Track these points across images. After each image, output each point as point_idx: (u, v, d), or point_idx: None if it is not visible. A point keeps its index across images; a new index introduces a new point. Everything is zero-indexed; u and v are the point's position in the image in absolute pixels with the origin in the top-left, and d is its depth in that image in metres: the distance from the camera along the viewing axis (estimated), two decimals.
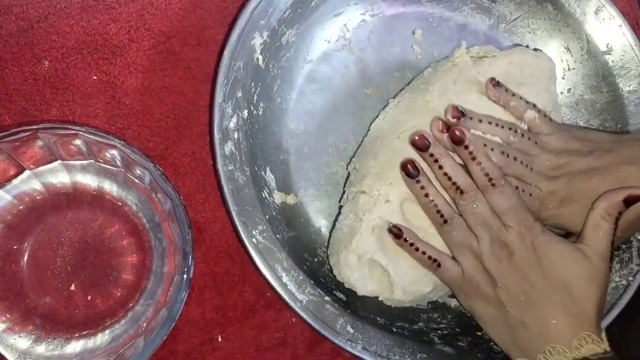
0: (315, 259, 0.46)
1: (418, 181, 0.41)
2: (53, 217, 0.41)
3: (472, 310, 0.42)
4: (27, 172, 0.41)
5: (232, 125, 0.42)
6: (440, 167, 0.41)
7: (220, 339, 0.46)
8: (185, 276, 0.40)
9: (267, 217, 0.43)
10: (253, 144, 0.44)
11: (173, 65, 0.47)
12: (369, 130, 0.47)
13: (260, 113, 0.46)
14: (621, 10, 0.49)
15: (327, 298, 0.42)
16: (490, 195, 0.41)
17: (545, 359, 0.37)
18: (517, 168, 0.42)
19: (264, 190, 0.45)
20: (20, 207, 0.41)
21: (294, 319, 0.47)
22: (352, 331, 0.42)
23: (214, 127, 0.42)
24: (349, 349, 0.41)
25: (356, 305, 0.44)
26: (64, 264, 0.41)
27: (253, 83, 0.44)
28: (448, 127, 0.42)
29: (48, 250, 0.41)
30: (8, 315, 0.40)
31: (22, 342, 0.40)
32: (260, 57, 0.44)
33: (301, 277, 0.42)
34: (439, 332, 0.46)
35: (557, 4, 0.49)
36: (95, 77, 0.45)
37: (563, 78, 0.51)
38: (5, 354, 0.39)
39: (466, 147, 0.41)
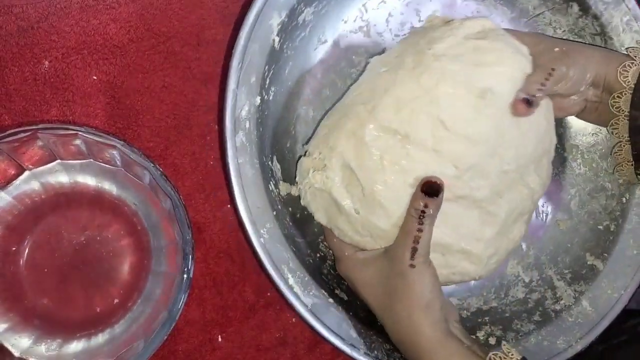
0: (318, 255, 0.46)
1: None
2: (52, 218, 0.41)
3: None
4: (26, 173, 0.41)
5: (244, 113, 0.41)
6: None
7: (220, 339, 0.46)
8: (185, 276, 0.40)
9: (275, 213, 0.42)
10: (262, 132, 0.43)
11: (173, 65, 0.47)
12: None
13: (271, 98, 0.44)
14: None
15: (330, 300, 0.42)
16: None
17: None
18: None
19: (271, 182, 0.44)
20: (20, 208, 0.41)
21: (294, 319, 0.47)
22: (354, 335, 0.42)
23: (225, 116, 0.40)
24: (351, 353, 0.42)
25: (357, 306, 0.44)
26: (63, 265, 0.41)
27: (267, 66, 0.42)
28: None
29: (47, 251, 0.41)
30: (8, 316, 0.40)
31: (22, 342, 0.40)
32: (277, 39, 0.42)
33: (306, 279, 0.42)
34: None
35: (584, 6, 0.48)
36: (95, 77, 0.45)
37: None
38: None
39: None
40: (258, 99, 0.42)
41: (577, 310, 0.47)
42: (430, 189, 0.39)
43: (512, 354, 0.37)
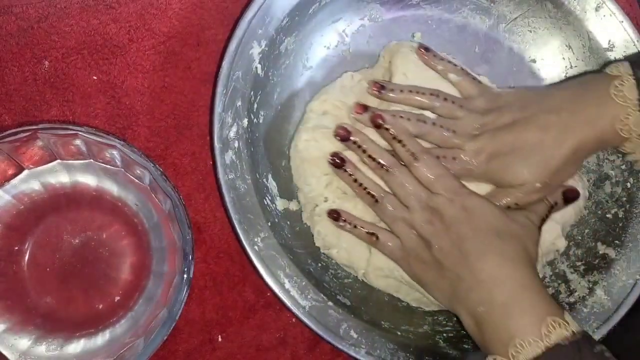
0: (319, 265, 0.46)
1: (345, 170, 0.44)
2: (53, 218, 0.41)
3: (415, 277, 0.43)
4: (26, 172, 0.41)
5: (232, 134, 0.42)
6: (364, 151, 0.44)
7: (220, 339, 0.46)
8: (185, 276, 0.40)
9: (270, 224, 0.43)
10: (254, 152, 0.44)
11: (173, 65, 0.47)
12: None
13: (261, 121, 0.46)
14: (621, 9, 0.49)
15: (330, 303, 0.42)
16: (415, 168, 0.43)
17: (516, 352, 0.36)
18: (437, 134, 0.44)
19: (266, 197, 0.44)
20: (20, 208, 0.41)
21: (294, 319, 0.47)
22: (355, 336, 0.42)
23: (214, 137, 0.42)
24: (352, 353, 0.41)
25: (360, 310, 0.44)
26: (64, 264, 0.41)
27: (253, 92, 0.44)
28: (365, 108, 0.44)
29: (48, 251, 0.41)
30: (9, 316, 0.40)
31: (23, 342, 0.40)
32: (259, 66, 0.44)
33: (304, 283, 0.42)
34: (444, 334, 0.45)
35: (557, 2, 0.49)
36: (95, 77, 0.45)
37: (565, 75, 0.51)
38: (6, 354, 0.39)
39: (387, 129, 0.43)
40: (246, 121, 0.43)
41: (592, 301, 0.46)
42: None
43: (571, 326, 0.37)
